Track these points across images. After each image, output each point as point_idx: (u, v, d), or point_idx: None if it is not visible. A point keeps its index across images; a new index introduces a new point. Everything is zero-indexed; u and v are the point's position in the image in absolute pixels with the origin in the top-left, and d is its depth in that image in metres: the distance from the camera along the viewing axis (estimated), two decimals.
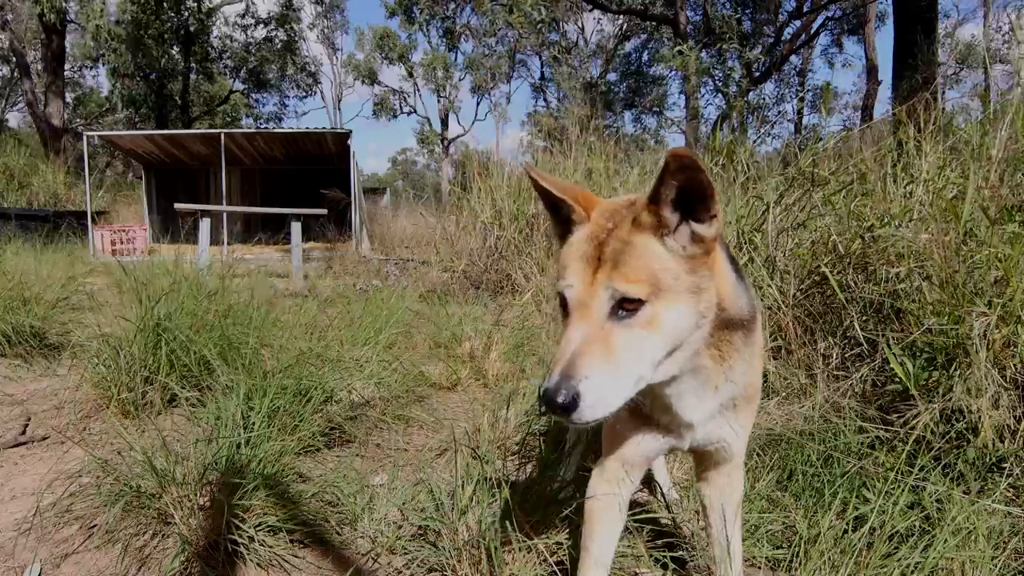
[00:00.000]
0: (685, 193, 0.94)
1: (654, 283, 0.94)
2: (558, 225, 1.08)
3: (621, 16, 22.31)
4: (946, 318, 1.92)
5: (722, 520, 1.27)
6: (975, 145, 2.42)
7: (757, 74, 18.33)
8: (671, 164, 0.91)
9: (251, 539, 1.51)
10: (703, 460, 1.28)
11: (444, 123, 35.04)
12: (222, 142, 11.59)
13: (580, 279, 0.96)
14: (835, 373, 2.32)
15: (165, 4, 20.03)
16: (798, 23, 19.39)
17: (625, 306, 0.93)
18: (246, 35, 24.51)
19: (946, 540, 1.38)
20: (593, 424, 0.92)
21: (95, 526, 1.59)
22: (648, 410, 1.15)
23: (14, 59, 21.18)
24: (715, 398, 1.11)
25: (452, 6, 28.88)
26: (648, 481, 1.93)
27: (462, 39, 31.22)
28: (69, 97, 25.37)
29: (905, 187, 2.67)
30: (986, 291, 1.92)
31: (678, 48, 12.27)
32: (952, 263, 1.96)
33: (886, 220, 2.41)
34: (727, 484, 1.27)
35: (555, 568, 1.37)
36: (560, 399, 0.87)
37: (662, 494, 1.83)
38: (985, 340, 1.82)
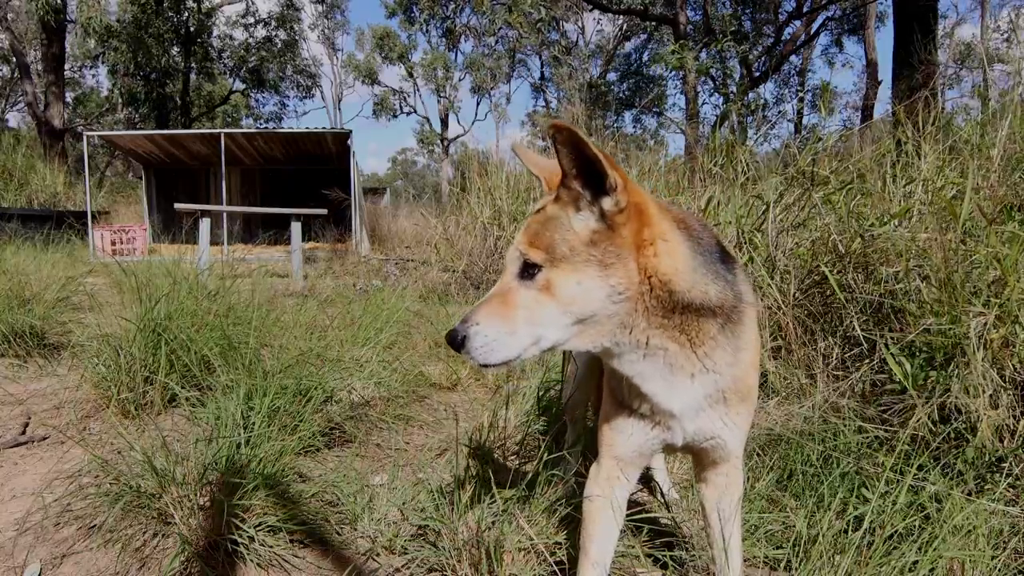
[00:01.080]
0: (586, 167, 0.99)
1: (550, 251, 1.01)
2: None
3: (621, 16, 22.31)
4: (944, 318, 1.93)
5: (721, 520, 1.27)
6: (974, 145, 2.42)
7: (757, 74, 18.34)
8: (556, 137, 0.96)
9: (251, 539, 1.51)
10: (700, 459, 1.28)
11: (444, 123, 35.05)
12: (222, 142, 11.59)
13: (513, 245, 1.05)
14: (835, 373, 2.32)
15: (165, 4, 20.03)
16: (798, 23, 19.40)
17: (528, 270, 1.02)
18: (247, 34, 24.52)
19: (945, 540, 1.38)
20: (493, 368, 1.03)
21: (95, 526, 1.59)
22: (625, 398, 1.16)
23: (14, 59, 21.18)
24: (693, 387, 1.10)
25: (452, 6, 28.89)
26: (648, 481, 1.93)
27: (462, 39, 31.23)
28: (69, 97, 25.39)
29: (904, 187, 2.67)
30: (983, 291, 1.92)
31: (676, 47, 12.28)
32: (950, 263, 1.96)
33: (885, 220, 2.41)
34: (725, 484, 1.27)
35: (555, 568, 1.37)
36: (451, 337, 1.01)
37: (662, 494, 1.83)
38: (982, 340, 1.82)
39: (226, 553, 1.49)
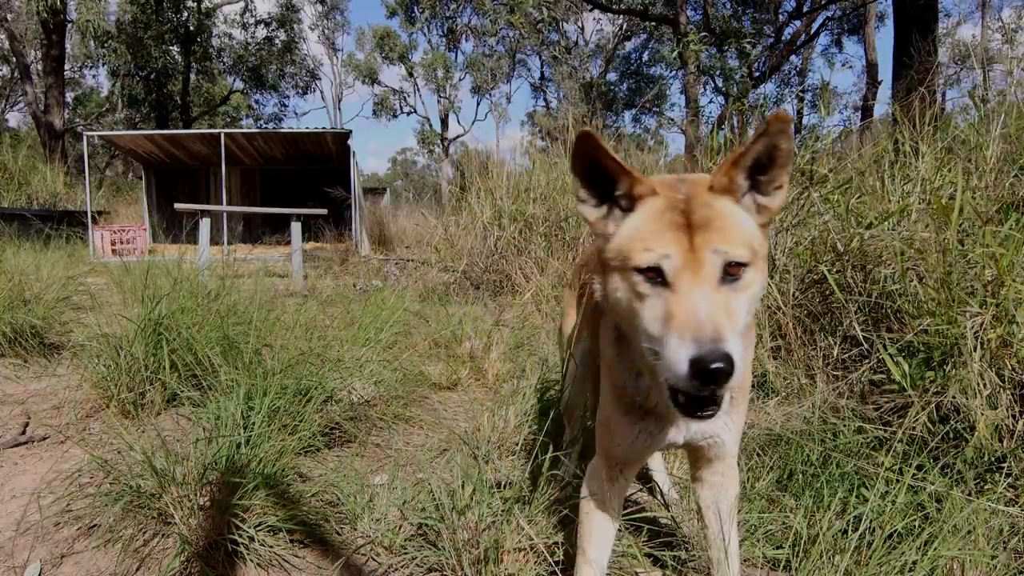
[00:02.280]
0: (761, 161, 0.96)
1: (751, 247, 0.93)
2: (597, 204, 1.02)
3: (621, 16, 22.31)
4: (941, 318, 1.93)
5: (718, 520, 1.28)
6: (972, 144, 2.42)
7: (757, 74, 18.33)
8: (772, 126, 0.92)
9: (251, 539, 1.51)
10: (697, 458, 1.28)
11: (444, 123, 35.04)
12: (222, 142, 11.59)
13: (678, 247, 0.90)
14: (834, 373, 2.32)
15: (165, 4, 20.03)
16: (798, 23, 19.39)
17: (730, 270, 0.91)
18: (246, 33, 24.51)
19: (945, 539, 1.39)
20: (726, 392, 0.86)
21: (95, 526, 1.59)
22: (645, 400, 1.14)
23: (14, 60, 21.18)
24: None
25: (453, 6, 28.89)
26: (647, 481, 1.94)
27: (462, 39, 31.23)
28: (69, 97, 25.39)
29: (902, 186, 2.67)
30: (980, 291, 1.92)
31: (689, 38, 12.25)
32: (947, 263, 1.97)
33: (883, 219, 2.41)
34: (721, 483, 1.28)
35: (555, 568, 1.38)
36: (722, 364, 0.80)
37: (661, 494, 1.83)
38: (979, 340, 1.82)
39: (226, 553, 1.49)
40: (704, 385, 0.82)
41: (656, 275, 0.90)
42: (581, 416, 1.87)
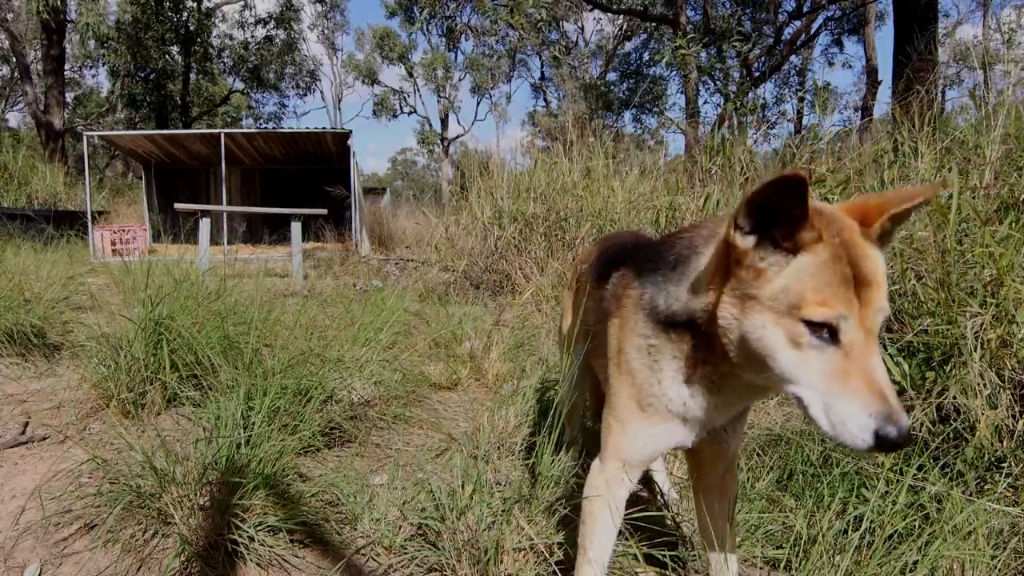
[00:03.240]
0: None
1: None
2: (751, 232, 0.95)
3: (621, 16, 22.31)
4: (941, 318, 1.93)
5: (717, 519, 1.28)
6: (971, 145, 2.42)
7: (757, 74, 18.33)
8: (933, 192, 0.94)
9: (251, 539, 1.51)
10: (699, 460, 1.28)
11: (444, 123, 35.05)
12: (222, 142, 11.59)
13: (853, 307, 0.87)
14: None
15: (165, 4, 20.03)
16: (798, 23, 19.39)
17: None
18: (246, 33, 24.51)
19: (945, 540, 1.39)
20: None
21: (95, 526, 1.59)
22: (685, 410, 1.12)
23: (14, 60, 21.18)
24: None
25: (453, 5, 28.89)
26: (647, 481, 1.94)
27: (462, 39, 31.24)
28: (69, 97, 25.39)
29: (900, 186, 2.67)
30: (979, 291, 1.92)
31: (677, 43, 12.26)
32: (946, 263, 1.97)
33: None
34: (721, 485, 1.28)
35: (555, 568, 1.38)
36: (905, 441, 0.83)
37: (662, 494, 1.83)
38: (979, 340, 1.83)
39: (226, 553, 1.49)
40: (902, 447, 0.84)
41: (825, 331, 0.88)
42: (581, 416, 1.87)
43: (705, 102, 18.46)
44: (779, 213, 0.89)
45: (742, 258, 0.94)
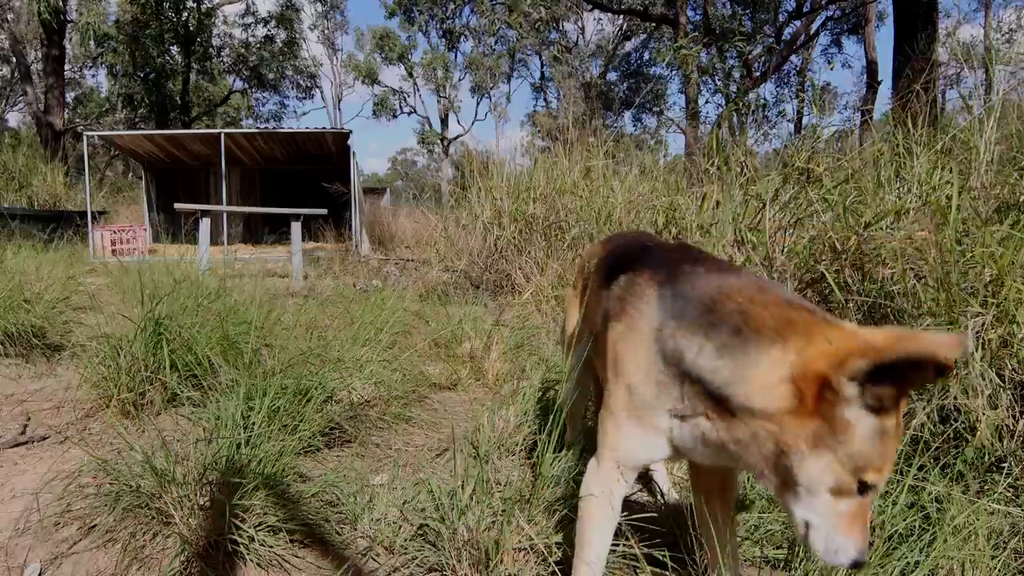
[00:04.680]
0: None
1: None
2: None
3: (621, 16, 22.31)
4: (941, 318, 1.93)
5: (718, 520, 1.28)
6: (971, 145, 2.42)
7: (757, 74, 18.33)
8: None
9: (251, 539, 1.51)
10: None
11: (444, 123, 35.05)
12: (222, 142, 11.59)
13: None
14: None
15: (165, 4, 20.03)
16: (798, 23, 19.40)
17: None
18: (246, 33, 24.51)
19: (946, 540, 1.39)
20: None
21: (95, 526, 1.59)
22: (678, 441, 1.14)
23: (14, 60, 21.18)
24: None
25: (452, 6, 28.89)
26: (647, 481, 1.94)
27: (462, 39, 31.24)
28: (69, 97, 25.39)
29: (899, 187, 2.67)
30: (980, 291, 1.92)
31: (680, 43, 12.26)
32: (947, 263, 1.97)
33: (879, 219, 2.41)
34: (723, 487, 1.27)
35: (555, 568, 1.38)
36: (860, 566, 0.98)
37: (662, 494, 1.83)
38: (980, 340, 1.82)
39: (226, 553, 1.49)
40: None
41: (862, 490, 0.93)
42: (581, 415, 1.87)
43: (707, 101, 18.47)
44: (891, 376, 0.85)
45: (834, 403, 0.89)
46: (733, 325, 0.99)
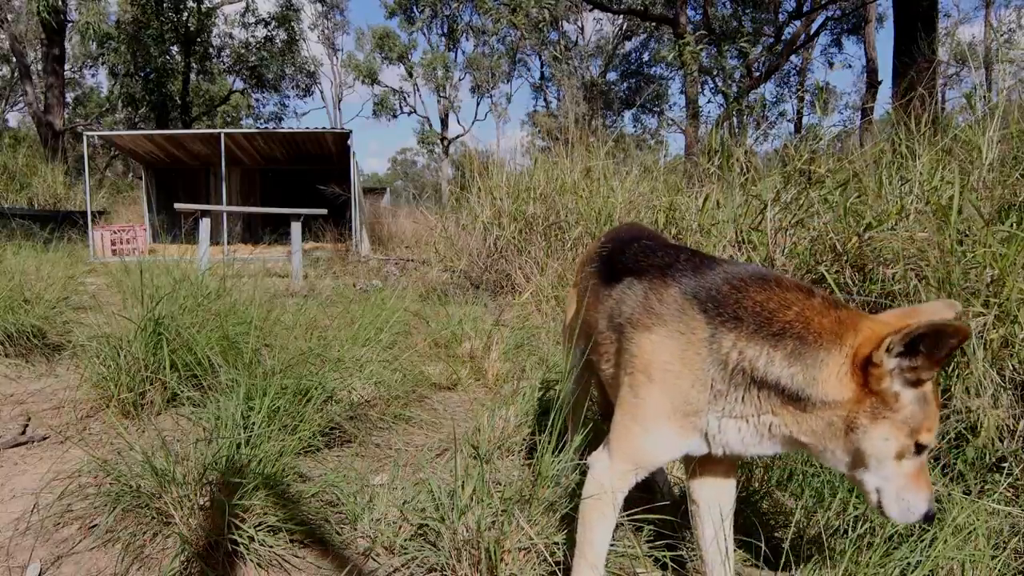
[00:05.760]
0: None
1: None
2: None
3: (621, 16, 22.31)
4: None
5: (717, 519, 1.27)
6: (973, 145, 2.42)
7: (757, 74, 18.33)
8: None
9: (251, 539, 1.51)
10: (705, 459, 1.27)
11: (444, 123, 35.02)
12: (222, 142, 11.58)
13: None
14: None
15: (165, 4, 20.02)
16: (798, 23, 19.39)
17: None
18: (247, 33, 24.50)
19: (946, 540, 1.38)
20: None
21: (95, 526, 1.59)
22: (721, 442, 1.18)
23: (14, 60, 21.18)
24: None
25: (454, 5, 28.89)
26: (647, 481, 1.93)
27: (462, 38, 31.24)
28: (69, 97, 25.39)
29: (900, 187, 2.67)
30: (982, 291, 1.92)
31: (687, 39, 12.25)
32: (948, 263, 1.96)
33: (881, 219, 2.41)
34: (724, 484, 1.27)
35: (555, 568, 1.38)
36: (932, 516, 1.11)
37: (662, 494, 1.83)
38: (982, 340, 1.82)
39: (226, 553, 1.49)
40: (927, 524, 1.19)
41: (919, 450, 1.07)
42: (582, 415, 1.86)
43: (709, 101, 18.48)
44: (920, 350, 1.00)
45: (880, 378, 1.03)
46: (797, 334, 1.09)
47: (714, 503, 1.28)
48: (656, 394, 1.17)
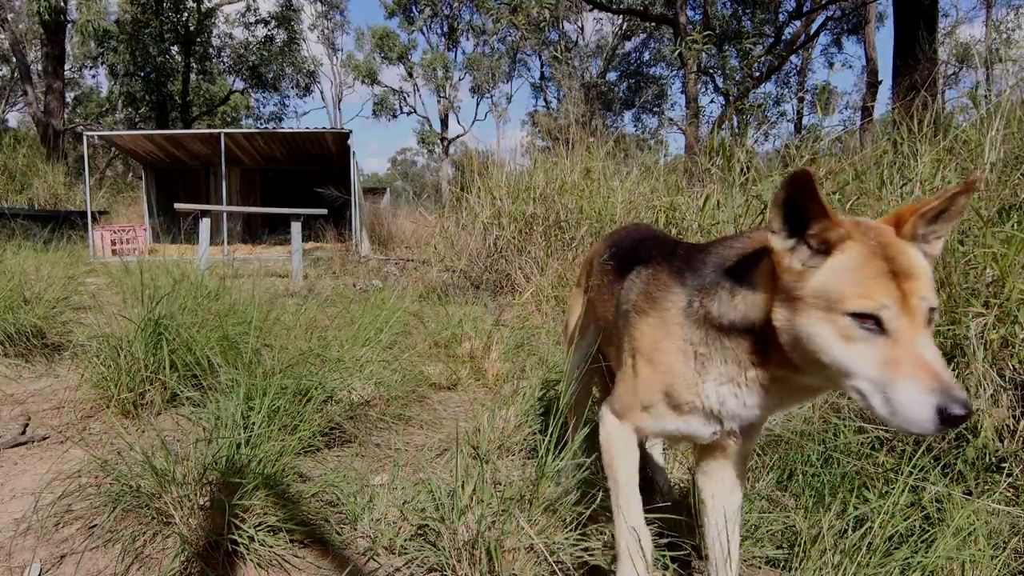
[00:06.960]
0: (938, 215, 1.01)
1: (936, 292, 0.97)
2: (787, 237, 1.02)
3: (621, 16, 22.32)
4: (943, 318, 1.93)
5: (723, 520, 1.27)
6: (973, 145, 2.42)
7: (757, 74, 18.32)
8: (966, 189, 0.98)
9: (251, 539, 1.51)
10: (712, 453, 1.28)
11: (444, 123, 35.02)
12: (222, 142, 11.59)
13: (894, 296, 0.92)
14: None
15: (165, 4, 20.02)
16: (798, 23, 19.38)
17: (929, 316, 0.94)
18: (247, 32, 24.50)
19: (946, 540, 1.38)
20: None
21: (95, 526, 1.59)
22: (721, 409, 1.17)
23: (14, 59, 21.18)
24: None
25: (454, 4, 28.89)
26: (648, 481, 1.93)
27: (462, 38, 31.24)
28: (69, 97, 25.39)
29: (901, 187, 2.67)
30: (982, 291, 1.92)
31: (693, 36, 12.24)
32: (948, 263, 1.96)
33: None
34: (731, 484, 1.27)
35: (555, 568, 1.37)
36: (967, 412, 0.85)
37: (662, 494, 1.83)
38: (982, 340, 1.82)
39: (226, 553, 1.49)
40: (951, 429, 0.93)
41: (871, 322, 0.92)
42: (583, 414, 1.87)
43: (711, 101, 18.47)
44: (805, 215, 0.98)
45: (782, 261, 1.01)
46: (726, 271, 1.15)
47: (721, 502, 1.28)
48: (655, 378, 1.23)
